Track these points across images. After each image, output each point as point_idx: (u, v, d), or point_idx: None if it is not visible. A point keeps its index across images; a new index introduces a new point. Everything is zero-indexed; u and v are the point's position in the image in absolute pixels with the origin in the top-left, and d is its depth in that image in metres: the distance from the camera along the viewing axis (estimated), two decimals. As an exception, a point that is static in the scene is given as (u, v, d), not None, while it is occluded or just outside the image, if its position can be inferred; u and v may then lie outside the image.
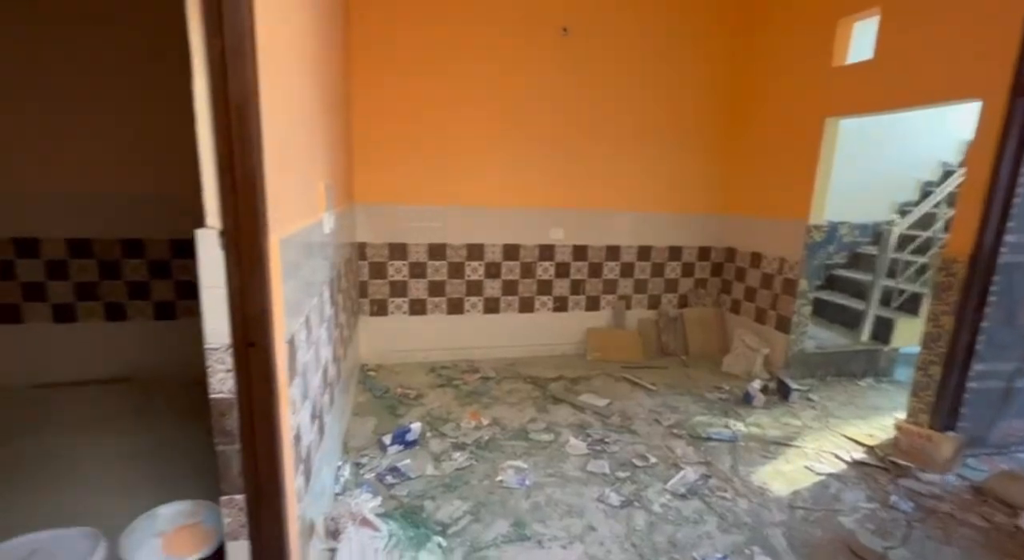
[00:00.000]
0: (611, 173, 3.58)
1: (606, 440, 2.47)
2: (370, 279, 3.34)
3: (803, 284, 3.23)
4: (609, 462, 2.28)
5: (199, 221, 1.03)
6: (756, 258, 3.62)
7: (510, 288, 3.60)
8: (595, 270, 3.73)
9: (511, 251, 3.54)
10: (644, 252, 3.80)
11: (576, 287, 3.72)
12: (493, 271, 3.54)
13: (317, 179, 1.72)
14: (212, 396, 1.09)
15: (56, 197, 2.76)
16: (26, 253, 2.79)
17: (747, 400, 2.98)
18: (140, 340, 3.01)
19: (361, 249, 3.27)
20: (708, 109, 3.66)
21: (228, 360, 1.07)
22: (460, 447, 2.35)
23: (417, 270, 3.41)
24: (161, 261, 2.97)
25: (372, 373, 3.25)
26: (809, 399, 3.07)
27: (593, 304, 3.79)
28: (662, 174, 3.68)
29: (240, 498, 1.15)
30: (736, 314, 3.83)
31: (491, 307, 3.59)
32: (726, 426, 2.68)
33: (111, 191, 2.81)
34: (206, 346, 1.06)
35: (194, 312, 3.07)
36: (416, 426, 2.37)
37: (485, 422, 2.61)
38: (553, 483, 2.12)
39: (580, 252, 3.67)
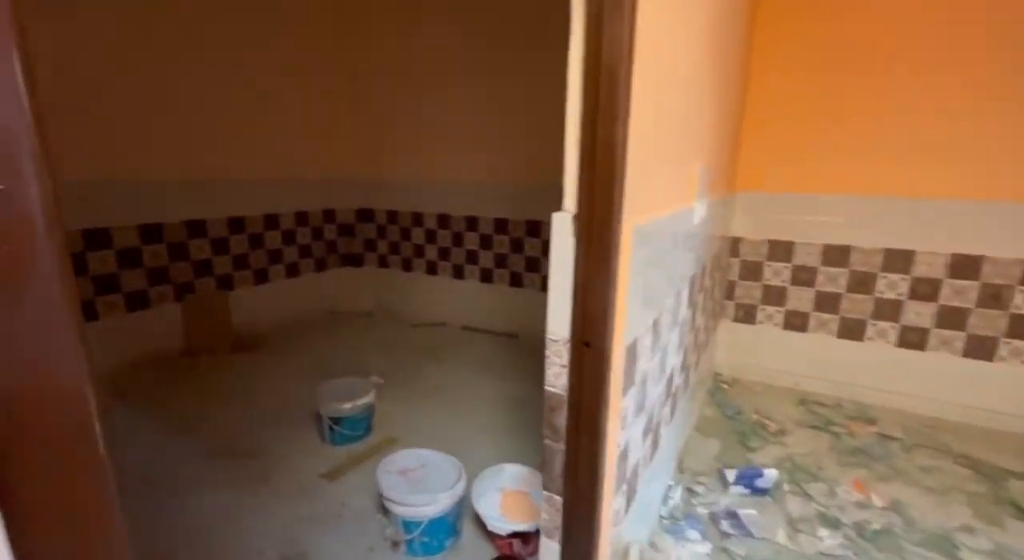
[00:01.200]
0: None
1: None
2: (740, 280, 2.91)
3: None
4: None
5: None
6: None
7: (951, 318, 2.47)
8: None
9: (964, 265, 2.40)
10: None
11: (1100, 337, 2.22)
12: (924, 291, 2.50)
13: (691, 160, 1.49)
14: (546, 388, 1.05)
15: (464, 184, 3.54)
16: (470, 228, 3.70)
17: None
18: (530, 305, 3.57)
19: (734, 245, 2.87)
20: None
21: (564, 355, 1.00)
22: (831, 524, 1.74)
23: (803, 276, 2.75)
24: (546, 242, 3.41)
25: (725, 386, 2.86)
26: None
27: None
28: None
29: (558, 500, 1.09)
30: None
31: (911, 340, 2.56)
32: None
33: (518, 180, 3.39)
34: (547, 336, 1.02)
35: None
36: (772, 473, 1.89)
37: (878, 502, 1.86)
38: (1003, 655, 1.29)
39: (1123, 280, 2.15)
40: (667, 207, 1.24)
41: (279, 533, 1.65)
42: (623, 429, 1.12)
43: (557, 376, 1.02)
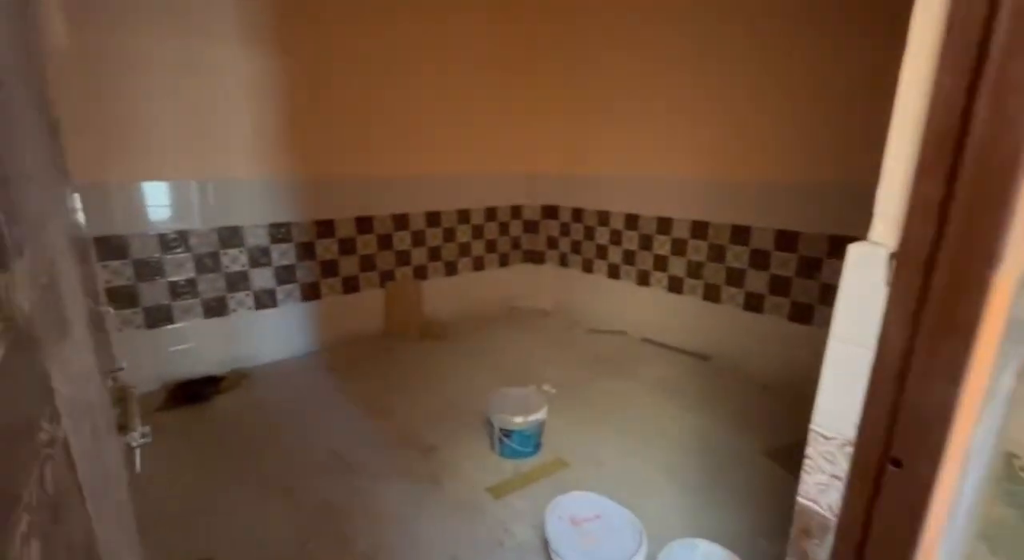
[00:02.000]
0: None
1: None
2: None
3: None
4: None
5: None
6: None
7: None
8: None
9: None
10: None
11: None
12: None
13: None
14: (799, 499, 0.71)
15: (657, 181, 3.09)
16: (661, 230, 3.31)
17: None
18: (727, 324, 3.05)
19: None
20: None
21: (841, 462, 0.65)
22: None
23: None
24: (763, 251, 2.83)
25: (1028, 476, 1.98)
26: None
27: None
28: None
29: (800, 660, 0.74)
30: None
31: None
32: None
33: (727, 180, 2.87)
34: (812, 425, 0.67)
35: (781, 311, 2.82)
36: None
37: None
38: None
39: None
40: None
41: (442, 546, 1.60)
42: (927, 585, 0.71)
43: (822, 490, 0.67)
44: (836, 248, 2.50)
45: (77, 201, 1.90)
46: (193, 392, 2.55)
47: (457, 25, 3.32)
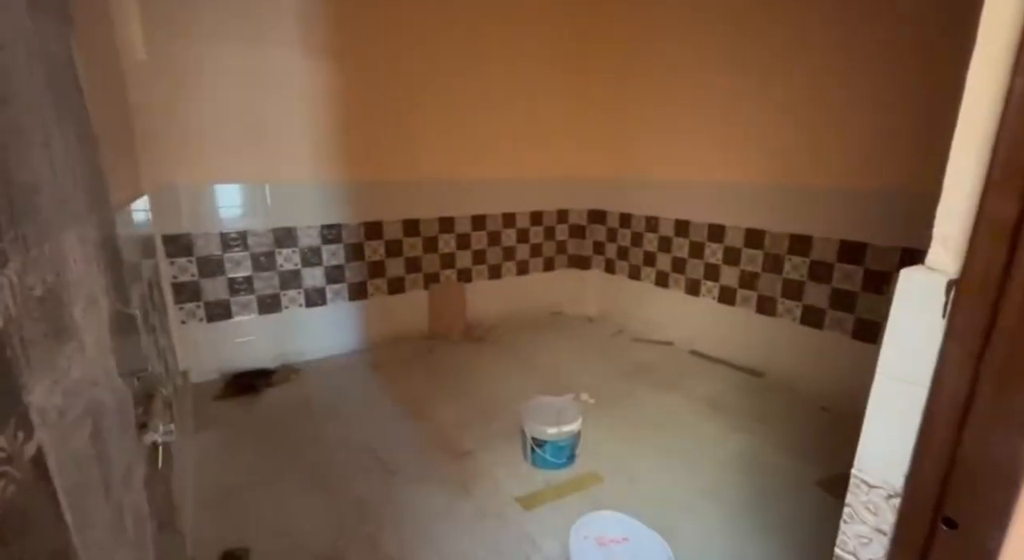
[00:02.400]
0: None
1: None
2: None
3: None
4: None
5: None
6: None
7: None
8: None
9: None
10: None
11: None
12: None
13: None
14: (838, 550, 0.63)
15: (709, 185, 2.92)
16: (713, 237, 3.16)
17: None
18: (782, 339, 2.87)
19: None
20: None
21: (886, 515, 0.57)
22: None
23: None
24: (825, 262, 2.63)
25: None
26: None
27: None
28: None
29: None
30: None
31: None
32: None
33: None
34: (854, 470, 0.60)
35: (844, 328, 2.60)
36: None
37: None
38: None
39: None
40: None
41: (468, 556, 1.58)
42: None
43: (864, 543, 0.59)
44: (909, 262, 2.29)
45: (145, 203, 2.05)
46: (247, 384, 2.69)
47: (505, 31, 3.32)
